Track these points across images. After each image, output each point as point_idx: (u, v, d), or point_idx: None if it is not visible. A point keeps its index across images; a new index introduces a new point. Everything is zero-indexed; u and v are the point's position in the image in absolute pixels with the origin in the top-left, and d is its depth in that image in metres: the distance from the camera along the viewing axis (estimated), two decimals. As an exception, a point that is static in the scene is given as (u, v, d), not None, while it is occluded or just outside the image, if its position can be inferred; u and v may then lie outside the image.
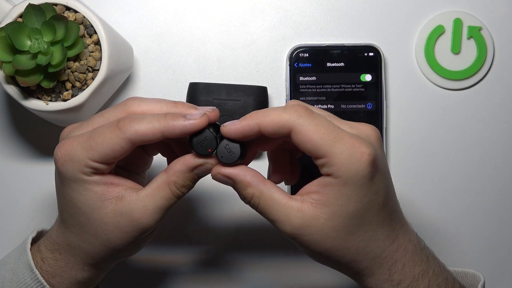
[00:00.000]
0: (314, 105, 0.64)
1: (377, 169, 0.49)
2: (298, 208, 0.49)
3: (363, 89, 0.64)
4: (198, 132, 0.49)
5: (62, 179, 0.51)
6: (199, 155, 0.50)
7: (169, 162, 0.56)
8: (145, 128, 0.49)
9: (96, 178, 0.50)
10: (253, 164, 0.65)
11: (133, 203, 0.50)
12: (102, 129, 0.50)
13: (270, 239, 0.65)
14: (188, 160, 0.50)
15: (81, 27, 0.58)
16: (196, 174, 0.51)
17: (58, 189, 0.53)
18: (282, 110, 0.49)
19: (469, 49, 0.66)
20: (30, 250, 0.54)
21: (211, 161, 0.50)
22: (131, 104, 0.51)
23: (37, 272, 0.52)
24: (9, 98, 0.65)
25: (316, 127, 0.48)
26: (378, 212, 0.50)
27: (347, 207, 0.49)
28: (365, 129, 0.51)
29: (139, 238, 0.52)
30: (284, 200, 0.50)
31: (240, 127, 0.49)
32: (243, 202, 0.51)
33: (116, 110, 0.51)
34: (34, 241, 0.55)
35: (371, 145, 0.49)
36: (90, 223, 0.51)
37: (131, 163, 0.56)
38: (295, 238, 0.50)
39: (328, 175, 0.49)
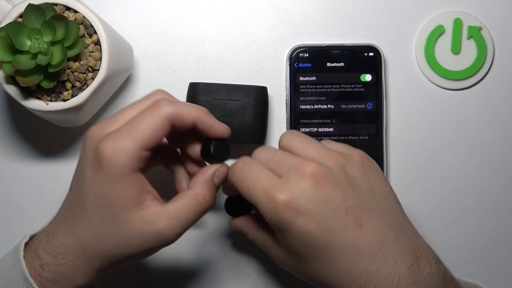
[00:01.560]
0: (314, 105, 0.64)
1: (298, 212, 0.50)
2: (279, 249, 0.54)
3: (363, 89, 0.64)
4: (213, 140, 0.55)
5: (105, 174, 0.51)
6: (215, 160, 0.55)
7: (167, 165, 0.59)
8: (183, 109, 0.53)
9: (138, 175, 0.52)
10: (253, 164, 0.66)
11: (159, 214, 0.52)
12: (141, 115, 0.52)
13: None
14: (207, 169, 0.55)
15: (81, 27, 0.58)
16: (216, 182, 0.55)
17: (89, 186, 0.51)
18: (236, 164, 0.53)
19: (469, 49, 0.66)
20: (26, 257, 0.52)
21: (224, 165, 0.55)
22: (160, 93, 0.55)
23: (32, 282, 0.51)
24: (9, 98, 0.65)
25: (245, 176, 0.52)
26: (321, 250, 0.50)
27: (290, 247, 0.52)
28: (295, 174, 0.51)
29: (155, 249, 0.53)
30: (270, 243, 0.55)
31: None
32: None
33: (147, 100, 0.54)
34: (29, 246, 0.54)
35: (289, 190, 0.50)
36: (115, 224, 0.51)
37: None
38: (286, 268, 0.55)
39: None
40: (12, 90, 0.57)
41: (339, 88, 0.64)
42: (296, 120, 0.64)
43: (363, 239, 0.50)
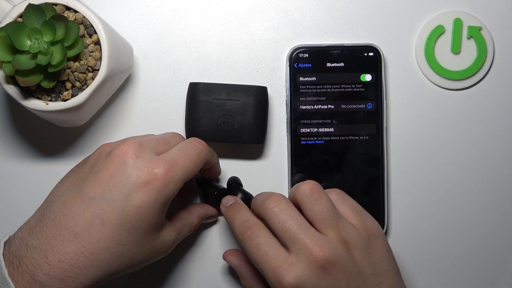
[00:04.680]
0: (314, 106, 0.64)
1: None
2: None
3: (363, 89, 0.64)
4: (219, 191, 0.62)
5: (156, 199, 0.52)
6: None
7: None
8: (213, 159, 0.60)
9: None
10: (252, 164, 0.66)
11: (172, 232, 0.57)
12: (187, 148, 0.55)
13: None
14: (209, 210, 0.62)
15: (81, 27, 0.58)
16: (205, 221, 0.63)
17: (115, 210, 0.51)
18: (241, 225, 0.55)
19: (469, 49, 0.66)
20: (16, 280, 0.49)
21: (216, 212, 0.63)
22: (178, 136, 0.59)
23: None
24: (9, 98, 0.65)
25: (250, 254, 0.53)
26: None
27: None
28: (304, 256, 0.51)
29: (144, 265, 0.55)
30: None
31: (227, 218, 0.58)
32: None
33: (173, 140, 0.58)
34: (16, 267, 0.50)
35: (296, 275, 0.51)
36: (140, 244, 0.52)
37: None
38: None
39: None
40: (12, 90, 0.57)
41: (339, 88, 0.64)
42: (296, 120, 0.64)
43: None
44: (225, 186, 0.65)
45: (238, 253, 0.60)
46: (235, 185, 0.64)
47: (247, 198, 0.62)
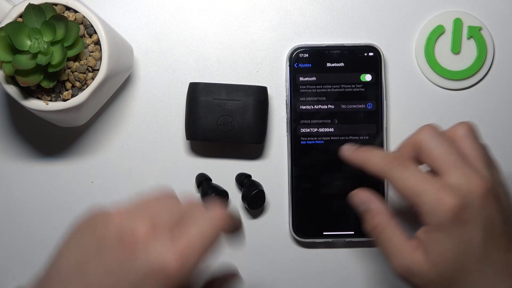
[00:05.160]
0: (314, 106, 0.64)
1: (466, 220, 0.51)
2: (411, 251, 0.53)
3: (363, 89, 0.64)
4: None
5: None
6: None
7: None
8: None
9: None
10: (252, 164, 0.66)
11: None
12: (206, 227, 0.48)
13: (270, 239, 0.65)
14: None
15: (81, 27, 0.58)
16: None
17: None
18: (384, 158, 0.54)
19: (469, 49, 0.66)
20: None
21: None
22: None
23: None
24: (9, 98, 0.65)
25: (405, 179, 0.52)
26: (478, 263, 0.51)
27: (444, 254, 0.52)
28: (468, 184, 0.52)
29: None
30: (402, 239, 0.53)
31: (355, 159, 0.56)
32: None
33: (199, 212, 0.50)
34: None
35: (460, 197, 0.51)
36: None
37: None
38: (402, 279, 0.53)
39: (424, 223, 0.52)
40: (12, 90, 0.57)
41: (339, 88, 0.64)
42: (296, 120, 0.64)
43: (508, 265, 0.52)
44: (226, 186, 0.65)
45: (365, 191, 0.58)
46: (246, 179, 0.64)
47: (258, 188, 0.63)
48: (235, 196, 0.65)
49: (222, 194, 0.63)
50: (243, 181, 0.64)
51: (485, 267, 0.52)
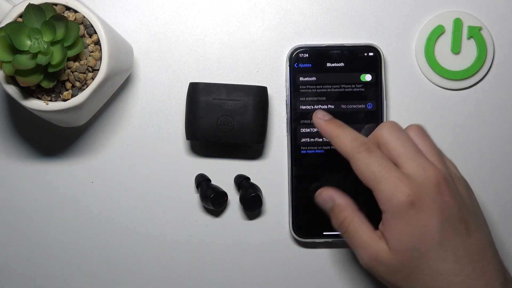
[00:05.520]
0: (314, 106, 0.64)
1: (422, 207, 0.53)
2: (376, 242, 0.55)
3: (363, 89, 0.64)
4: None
5: None
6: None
7: None
8: None
9: None
10: (252, 164, 0.66)
11: None
12: None
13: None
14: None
15: (81, 27, 0.58)
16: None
17: None
18: (353, 140, 0.56)
19: (469, 49, 0.66)
20: None
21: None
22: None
23: None
24: (9, 98, 0.65)
25: (368, 164, 0.55)
26: (436, 248, 0.53)
27: (402, 240, 0.54)
28: (423, 174, 0.55)
29: None
30: (368, 231, 0.56)
31: (325, 130, 0.58)
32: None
33: None
34: None
35: (416, 186, 0.54)
36: None
37: None
38: (369, 269, 0.56)
39: (382, 211, 0.55)
40: (12, 90, 0.57)
41: (339, 88, 0.64)
42: (296, 120, 0.64)
43: (470, 247, 0.54)
44: (226, 188, 0.65)
45: (328, 188, 0.59)
46: (243, 181, 0.64)
47: (259, 191, 0.63)
48: (235, 197, 0.65)
49: (221, 195, 0.63)
50: (241, 182, 0.64)
51: (444, 253, 0.53)
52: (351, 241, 0.57)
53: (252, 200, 0.63)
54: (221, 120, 0.62)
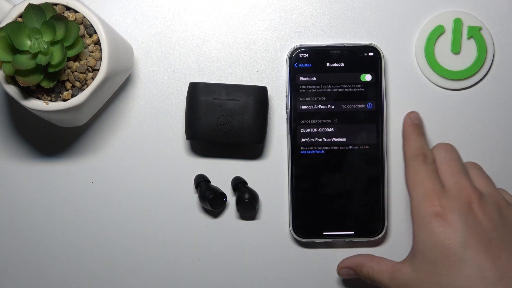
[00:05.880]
0: (314, 106, 0.64)
1: (448, 221, 0.55)
2: (399, 269, 0.58)
3: (363, 89, 0.64)
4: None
5: None
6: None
7: None
8: None
9: None
10: (252, 164, 0.66)
11: None
12: None
13: None
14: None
15: (81, 27, 0.58)
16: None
17: None
18: (416, 145, 0.61)
19: (469, 49, 0.66)
20: None
21: None
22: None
23: None
24: (9, 98, 0.65)
25: (415, 172, 0.59)
26: (457, 263, 0.54)
27: (425, 252, 0.55)
28: (458, 190, 0.57)
29: None
30: (389, 267, 0.59)
31: (406, 129, 0.63)
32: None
33: None
34: None
35: (446, 199, 0.56)
36: None
37: None
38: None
39: (412, 223, 0.58)
40: (12, 90, 0.57)
41: (339, 88, 0.64)
42: (296, 120, 0.64)
43: (498, 269, 0.53)
44: (226, 188, 0.65)
45: (350, 257, 0.63)
46: (240, 184, 0.64)
47: (253, 197, 0.63)
48: (234, 198, 0.65)
49: (220, 196, 0.63)
50: (237, 185, 0.64)
51: (467, 270, 0.53)
52: (381, 284, 0.60)
53: (245, 205, 0.63)
54: (221, 120, 0.62)
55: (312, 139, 0.64)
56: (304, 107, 0.64)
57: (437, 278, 0.54)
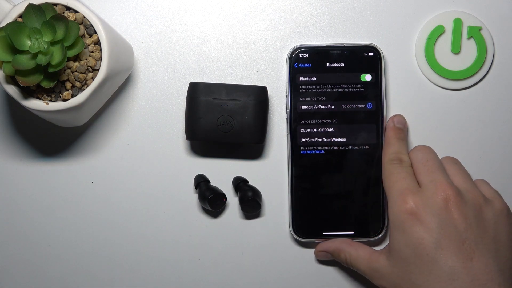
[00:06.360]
0: (314, 106, 0.64)
1: (422, 221, 0.54)
2: (376, 260, 0.58)
3: (363, 89, 0.64)
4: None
5: None
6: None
7: None
8: None
9: None
10: (252, 164, 0.66)
11: None
12: None
13: None
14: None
15: (81, 27, 0.58)
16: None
17: None
18: (394, 149, 0.61)
19: (469, 49, 0.66)
20: None
21: None
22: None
23: None
24: (9, 98, 0.65)
25: (390, 173, 0.60)
26: (429, 263, 0.53)
27: (400, 251, 0.55)
28: (434, 189, 0.56)
29: None
30: (367, 255, 0.59)
31: (387, 133, 0.63)
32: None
33: None
34: None
35: (420, 198, 0.55)
36: None
37: None
38: (375, 283, 0.58)
39: (389, 221, 0.58)
40: (12, 90, 0.57)
41: (339, 88, 0.64)
42: (296, 120, 0.64)
43: (469, 272, 0.53)
44: (226, 188, 0.65)
45: (328, 240, 0.63)
46: (241, 183, 0.64)
47: (256, 194, 0.63)
48: (234, 198, 0.65)
49: (220, 197, 0.63)
50: (239, 184, 0.64)
51: (438, 271, 0.53)
52: (358, 270, 0.60)
53: (251, 203, 0.63)
54: (221, 120, 0.62)
55: (312, 139, 0.64)
56: (304, 107, 0.64)
57: (410, 276, 0.54)
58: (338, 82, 0.64)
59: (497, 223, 0.56)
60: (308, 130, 0.64)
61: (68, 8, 0.58)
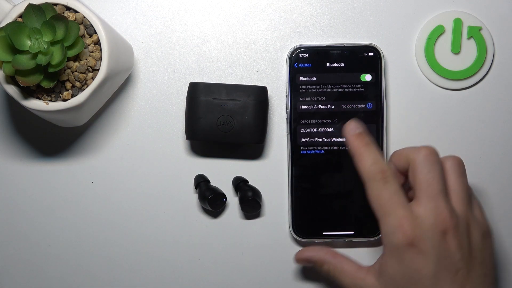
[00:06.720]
0: (314, 106, 0.64)
1: (420, 251, 0.54)
2: (363, 278, 0.57)
3: (363, 89, 0.64)
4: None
5: None
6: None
7: None
8: None
9: None
10: (252, 164, 0.66)
11: None
12: None
13: None
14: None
15: (81, 27, 0.58)
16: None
17: None
18: (372, 165, 0.56)
19: (469, 49, 0.66)
20: None
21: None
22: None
23: None
24: (9, 98, 0.65)
25: (380, 195, 0.55)
26: None
27: (394, 279, 0.55)
28: (433, 218, 0.54)
29: None
30: (353, 271, 0.58)
31: (350, 144, 0.59)
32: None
33: None
34: None
35: (420, 228, 0.54)
36: None
37: None
38: None
39: (383, 244, 0.56)
40: (12, 90, 0.57)
41: (339, 88, 0.64)
42: (296, 120, 0.64)
43: None
44: (226, 188, 0.65)
45: (310, 248, 0.62)
46: (241, 183, 0.64)
47: (256, 194, 0.63)
48: (234, 199, 0.65)
49: (220, 197, 0.63)
50: (239, 184, 0.64)
51: None
52: (341, 285, 0.59)
53: (251, 203, 0.63)
54: (221, 120, 0.62)
55: (312, 139, 0.64)
56: (304, 107, 0.64)
57: None
58: (338, 82, 0.64)
59: (484, 245, 0.56)
60: (308, 130, 0.64)
61: (68, 8, 0.58)
